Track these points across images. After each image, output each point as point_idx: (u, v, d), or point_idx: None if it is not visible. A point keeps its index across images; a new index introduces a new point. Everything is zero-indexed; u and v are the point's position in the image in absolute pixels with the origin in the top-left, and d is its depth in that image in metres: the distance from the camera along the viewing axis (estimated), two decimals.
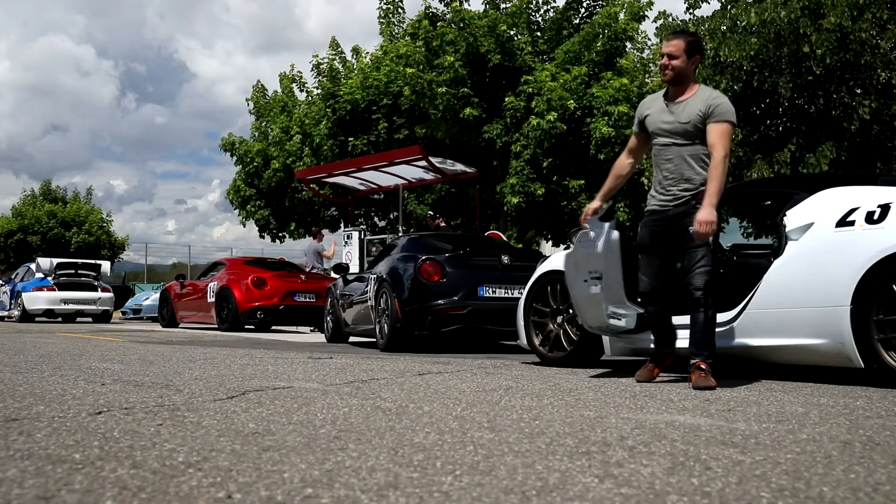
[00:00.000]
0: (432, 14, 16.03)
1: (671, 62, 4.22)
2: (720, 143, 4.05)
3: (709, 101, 4.13)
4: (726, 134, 4.08)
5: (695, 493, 1.65)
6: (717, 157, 4.03)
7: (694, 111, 4.14)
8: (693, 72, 4.30)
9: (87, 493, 1.60)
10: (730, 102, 4.21)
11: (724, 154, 4.04)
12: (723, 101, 4.16)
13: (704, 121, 4.10)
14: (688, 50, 4.23)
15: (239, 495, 1.60)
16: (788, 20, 8.83)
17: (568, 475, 1.83)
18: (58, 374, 4.52)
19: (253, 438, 2.31)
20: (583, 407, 3.19)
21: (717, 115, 4.09)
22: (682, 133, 4.17)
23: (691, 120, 4.14)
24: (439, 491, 1.67)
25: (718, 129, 4.08)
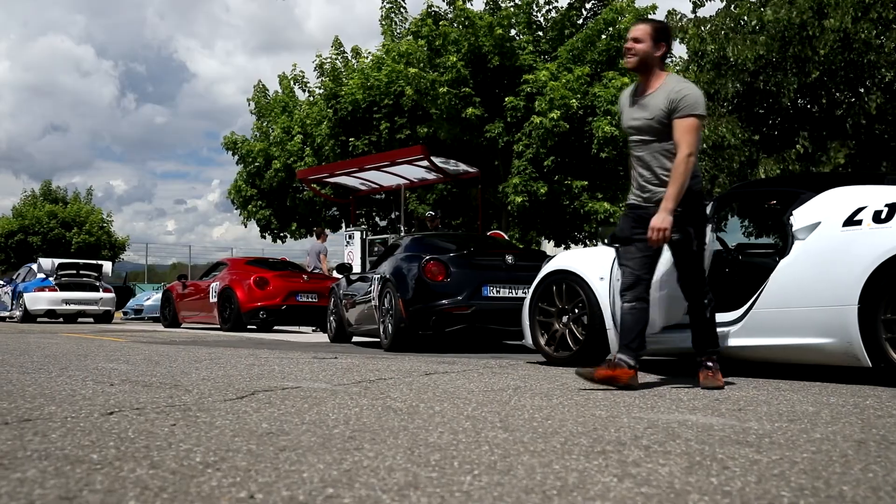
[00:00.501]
0: (435, 13, 16.02)
1: (635, 45, 3.95)
2: (684, 140, 3.79)
3: (672, 95, 3.85)
4: (691, 130, 3.80)
5: (715, 493, 1.65)
6: (679, 157, 3.78)
7: (658, 105, 3.88)
8: (660, 61, 4.00)
9: (109, 494, 1.60)
10: (697, 92, 3.90)
11: (687, 153, 3.77)
12: (687, 93, 3.85)
13: (669, 115, 3.84)
14: (654, 36, 3.95)
15: (261, 495, 1.61)
16: (800, 21, 8.82)
17: (586, 474, 1.84)
18: (65, 374, 4.52)
19: (268, 438, 2.31)
20: (593, 406, 3.19)
21: (681, 109, 3.81)
22: (648, 129, 3.93)
23: (655, 115, 3.89)
24: (460, 490, 1.67)
25: (682, 126, 3.80)
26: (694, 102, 3.82)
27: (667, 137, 3.87)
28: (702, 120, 3.89)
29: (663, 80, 3.94)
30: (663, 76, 3.97)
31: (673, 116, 3.81)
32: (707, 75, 9.89)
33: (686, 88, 3.87)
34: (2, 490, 1.62)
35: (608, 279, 5.38)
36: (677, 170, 3.76)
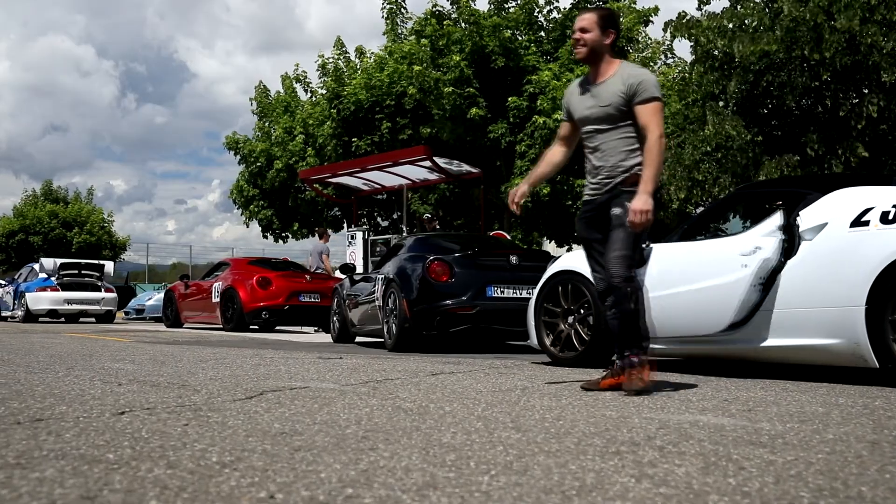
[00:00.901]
0: (439, 12, 16.03)
1: (584, 35, 3.84)
2: (652, 122, 3.71)
3: (629, 80, 3.76)
4: (657, 112, 3.74)
5: (734, 493, 1.66)
6: (651, 140, 3.69)
7: (614, 92, 3.78)
8: (610, 48, 3.88)
9: (130, 493, 1.60)
10: (652, 76, 3.84)
11: (658, 134, 3.70)
12: (644, 77, 3.78)
13: (628, 102, 3.75)
14: (601, 24, 3.84)
15: (281, 495, 1.61)
16: (813, 22, 8.82)
17: (603, 475, 1.84)
18: (72, 374, 4.52)
19: (282, 438, 2.31)
20: (603, 407, 3.20)
21: (641, 93, 3.73)
22: (604, 118, 3.83)
23: (612, 102, 3.79)
24: (479, 490, 1.67)
25: (647, 109, 3.73)
26: (652, 85, 3.76)
27: (621, 124, 3.80)
28: (662, 102, 3.83)
29: (617, 67, 3.85)
30: (616, 63, 3.87)
31: (634, 102, 3.74)
32: (712, 75, 9.89)
33: (642, 73, 3.82)
34: (22, 490, 1.62)
35: None
36: (651, 152, 3.69)
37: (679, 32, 10.23)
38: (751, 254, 4.52)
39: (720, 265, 4.68)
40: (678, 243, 5.14)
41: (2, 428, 2.45)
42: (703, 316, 4.72)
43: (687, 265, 4.94)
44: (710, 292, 4.69)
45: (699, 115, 10.57)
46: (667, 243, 5.19)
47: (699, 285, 4.77)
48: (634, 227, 3.68)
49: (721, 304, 4.60)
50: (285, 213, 20.36)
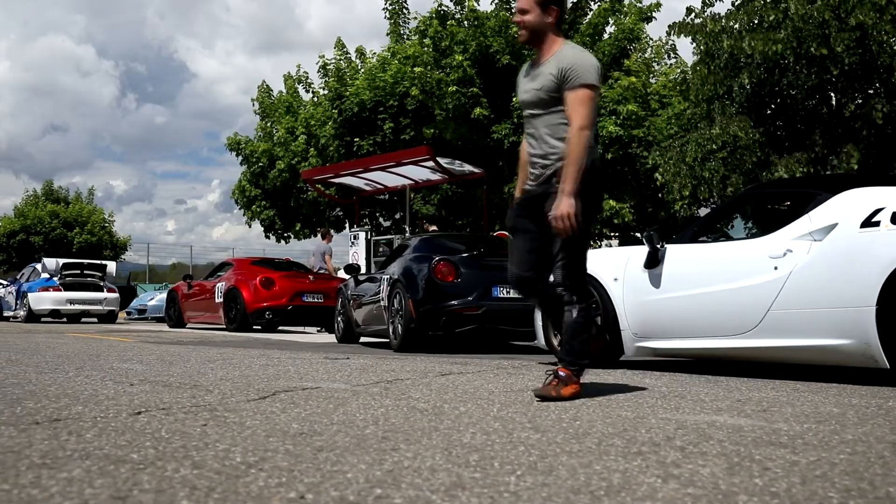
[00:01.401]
0: (443, 13, 16.04)
1: (523, 18, 3.59)
2: (576, 113, 3.40)
3: (561, 64, 3.46)
4: (583, 101, 3.41)
5: (763, 494, 1.66)
6: (572, 132, 3.39)
7: (548, 74, 3.51)
8: (553, 27, 3.60)
9: (160, 494, 1.60)
10: (590, 61, 3.51)
11: (580, 125, 3.38)
12: (578, 60, 3.46)
13: (560, 87, 3.45)
14: (540, 2, 3.58)
15: (311, 496, 1.61)
16: (821, 19, 8.81)
17: (629, 475, 1.84)
18: (82, 374, 4.52)
19: (302, 439, 2.31)
20: (617, 407, 3.20)
21: (571, 79, 3.43)
22: (537, 102, 3.56)
23: (544, 85, 3.51)
24: (507, 491, 1.67)
25: (573, 98, 3.42)
26: (585, 71, 3.43)
27: (553, 109, 3.51)
28: (595, 90, 3.46)
29: (558, 48, 3.56)
30: (559, 43, 3.59)
31: (564, 88, 3.44)
32: (719, 74, 9.89)
33: (578, 57, 3.50)
34: (53, 489, 1.62)
35: (622, 280, 5.40)
36: (571, 146, 3.37)
37: (684, 32, 10.23)
38: (782, 256, 4.52)
39: (749, 267, 4.69)
40: (696, 245, 5.14)
41: (21, 428, 2.45)
42: (728, 317, 4.73)
43: (709, 266, 4.94)
44: (737, 294, 4.69)
45: (704, 113, 10.58)
46: (681, 244, 5.19)
47: (726, 286, 4.77)
48: (560, 234, 3.39)
49: (750, 305, 4.61)
50: (287, 213, 20.37)
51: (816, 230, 4.49)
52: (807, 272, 4.45)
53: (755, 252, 4.74)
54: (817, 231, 4.49)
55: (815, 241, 4.48)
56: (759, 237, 4.82)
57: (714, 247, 5.10)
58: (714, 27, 9.88)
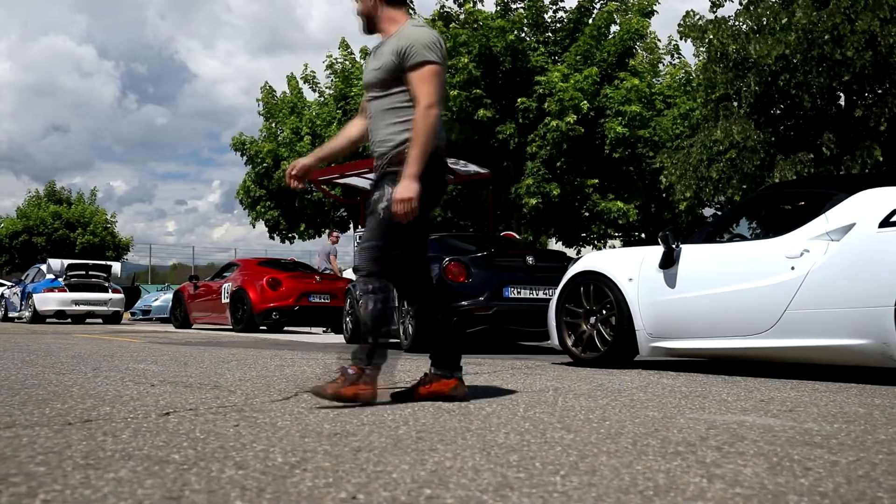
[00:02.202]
0: (446, 14, 16.05)
1: (356, 6, 3.41)
2: (422, 91, 3.15)
3: (400, 43, 3.21)
4: (428, 78, 3.16)
5: (811, 494, 1.66)
6: (418, 112, 3.14)
7: (387, 53, 3.26)
8: (387, 6, 3.35)
9: (212, 494, 1.61)
10: (429, 36, 3.25)
11: (426, 104, 3.14)
12: (415, 37, 3.21)
13: (400, 67, 3.20)
14: None
15: (362, 496, 1.61)
16: (832, 23, 8.83)
17: (673, 475, 1.84)
18: (101, 375, 4.53)
19: (338, 439, 2.32)
20: (642, 407, 3.20)
21: (411, 58, 3.17)
22: (376, 83, 3.31)
23: (382, 65, 3.26)
24: (556, 491, 1.68)
25: (417, 77, 3.17)
26: (424, 48, 3.18)
27: (390, 92, 3.26)
28: (438, 65, 3.20)
29: (398, 27, 3.30)
30: (399, 23, 3.32)
31: (406, 69, 3.19)
32: (726, 75, 9.90)
33: (415, 33, 3.24)
34: (104, 490, 1.63)
35: (637, 280, 5.40)
36: (417, 127, 3.12)
37: (692, 34, 10.24)
38: (798, 256, 4.52)
39: (765, 267, 4.69)
40: (711, 245, 5.15)
41: (56, 429, 2.45)
42: (745, 317, 4.73)
43: (725, 266, 4.95)
44: (754, 294, 4.69)
45: (712, 114, 10.59)
46: (697, 244, 5.19)
47: (742, 286, 4.77)
48: (397, 218, 3.13)
49: (767, 305, 4.62)
50: (292, 213, 20.37)
51: (834, 230, 4.50)
52: (824, 272, 4.46)
53: (772, 252, 4.75)
54: (835, 231, 4.49)
55: (832, 240, 4.49)
56: (775, 237, 4.83)
57: (730, 247, 5.11)
58: (722, 32, 9.90)
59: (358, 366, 3.21)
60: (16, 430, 2.43)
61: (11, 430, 2.40)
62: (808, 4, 9.15)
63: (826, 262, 4.46)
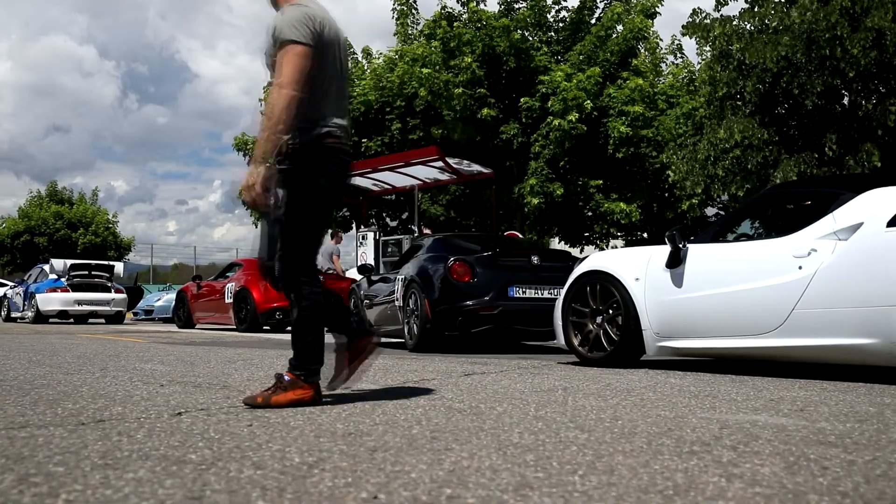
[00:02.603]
0: (449, 13, 16.06)
1: None
2: (279, 72, 3.01)
3: (274, 23, 3.12)
4: (289, 60, 3.01)
5: (832, 493, 1.66)
6: (272, 92, 3.03)
7: (268, 37, 3.18)
8: None
9: (233, 494, 1.61)
10: (295, 14, 3.10)
11: (281, 84, 2.99)
12: (285, 17, 3.09)
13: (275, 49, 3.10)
14: None
15: (383, 496, 1.62)
16: (830, 23, 8.84)
17: (691, 475, 1.84)
18: (108, 375, 4.53)
19: (352, 439, 2.32)
20: (653, 407, 3.20)
21: (278, 37, 3.07)
22: (268, 65, 3.22)
23: (266, 48, 3.20)
24: (576, 491, 1.68)
25: (279, 57, 3.05)
26: (289, 27, 3.05)
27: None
28: (301, 45, 3.04)
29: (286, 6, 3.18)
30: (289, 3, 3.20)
31: (276, 48, 3.08)
32: (730, 75, 9.90)
33: (288, 12, 3.11)
34: (125, 490, 1.63)
35: (644, 279, 5.40)
36: (269, 108, 2.99)
37: (696, 33, 10.24)
38: (806, 256, 4.52)
39: (773, 266, 4.69)
40: (718, 244, 5.15)
41: (70, 429, 2.46)
42: (752, 316, 4.73)
43: (732, 266, 4.95)
44: (761, 293, 4.69)
45: (715, 112, 10.59)
46: (703, 244, 5.19)
47: (749, 286, 4.77)
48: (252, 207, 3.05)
49: (774, 304, 4.61)
50: None
51: (841, 229, 4.50)
52: (832, 271, 4.45)
53: (779, 251, 4.74)
54: (842, 230, 4.49)
55: (840, 240, 4.48)
56: (782, 237, 4.82)
57: (737, 246, 5.10)
58: (721, 31, 9.90)
59: (293, 372, 3.14)
60: (30, 430, 2.43)
61: (26, 431, 2.41)
62: (807, 4, 9.16)
63: (834, 262, 4.46)
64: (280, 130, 2.97)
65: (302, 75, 3.01)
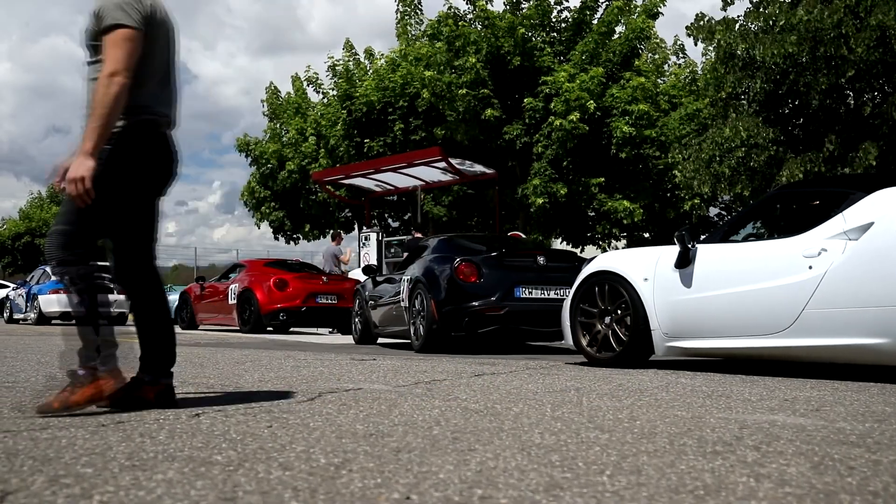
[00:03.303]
0: (454, 13, 16.08)
1: None
2: (108, 56, 2.80)
3: (97, 3, 2.89)
4: (116, 43, 2.81)
5: (863, 493, 1.66)
6: (100, 80, 2.80)
7: (90, 15, 2.95)
8: None
9: (265, 495, 1.61)
10: None
11: (110, 71, 2.78)
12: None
13: (98, 31, 2.88)
14: None
15: (415, 496, 1.62)
16: (834, 20, 8.86)
17: (719, 475, 1.85)
18: None
19: (375, 440, 2.32)
20: (668, 407, 3.20)
21: (103, 19, 2.85)
22: (85, 48, 3.00)
23: (86, 28, 2.97)
24: (607, 491, 1.68)
25: (106, 41, 2.83)
26: (115, 8, 2.84)
27: (94, 58, 2.93)
28: (130, 29, 2.84)
29: None
30: None
31: (100, 30, 2.87)
32: (735, 75, 9.91)
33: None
34: (157, 491, 1.63)
35: (652, 280, 5.40)
36: (97, 96, 2.77)
37: (701, 34, 10.26)
38: (816, 255, 4.53)
39: (783, 266, 4.69)
40: (727, 244, 5.15)
41: (91, 430, 2.46)
42: (762, 316, 4.73)
43: (742, 266, 4.95)
44: (771, 293, 4.70)
45: (721, 113, 10.60)
46: (713, 244, 5.20)
47: (759, 286, 4.77)
48: (71, 198, 2.78)
49: (784, 304, 4.61)
50: (297, 214, 20.38)
51: (851, 229, 4.50)
52: (842, 271, 4.46)
53: (789, 251, 4.75)
54: (852, 230, 4.49)
55: (850, 240, 4.49)
56: (792, 236, 4.82)
57: (746, 246, 5.11)
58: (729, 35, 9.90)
59: (87, 365, 2.90)
60: (52, 431, 2.43)
61: (48, 432, 2.41)
62: (812, 3, 9.17)
63: (844, 262, 4.46)
64: (113, 122, 2.79)
65: (133, 61, 2.83)
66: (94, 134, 2.74)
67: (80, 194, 2.73)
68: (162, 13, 3.02)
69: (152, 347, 3.16)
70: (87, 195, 2.74)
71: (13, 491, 1.62)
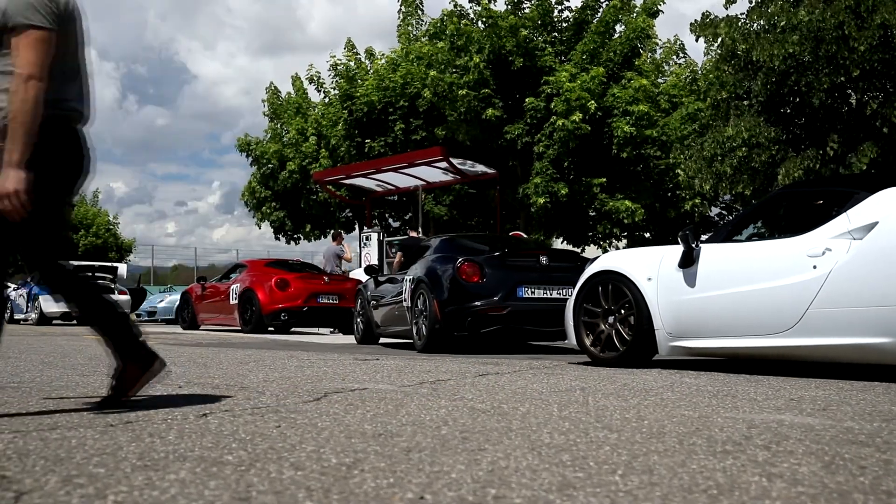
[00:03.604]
0: (459, 11, 16.09)
1: None
2: (21, 59, 2.65)
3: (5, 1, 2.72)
4: (30, 45, 2.66)
5: (877, 493, 1.66)
6: (15, 85, 2.64)
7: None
8: None
9: (279, 495, 1.61)
10: None
11: (27, 75, 2.63)
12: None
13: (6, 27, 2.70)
14: None
15: (429, 496, 1.62)
16: (837, 21, 8.86)
17: (731, 474, 1.85)
18: None
19: (384, 440, 2.32)
20: (675, 406, 3.20)
21: (11, 17, 2.68)
22: None
23: None
24: (620, 490, 1.68)
25: (16, 42, 2.67)
26: (26, 6, 2.67)
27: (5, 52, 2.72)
28: (45, 30, 2.69)
29: None
30: None
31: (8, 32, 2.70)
32: (736, 75, 9.92)
33: None
34: (171, 491, 1.63)
35: (656, 279, 5.40)
36: (16, 104, 2.62)
37: (703, 32, 10.26)
38: (820, 255, 4.53)
39: (787, 265, 4.69)
40: (731, 244, 5.16)
41: (100, 430, 2.46)
42: (766, 316, 4.74)
43: (745, 265, 4.95)
44: (775, 293, 4.70)
45: (723, 113, 10.61)
46: (716, 244, 5.20)
47: (763, 285, 4.78)
48: (8, 216, 2.63)
49: (789, 304, 4.61)
50: (297, 214, 20.38)
51: (856, 229, 4.50)
52: (847, 271, 4.46)
53: (793, 251, 4.75)
54: (857, 230, 4.50)
55: (854, 239, 4.49)
56: (796, 236, 4.82)
57: (750, 246, 5.11)
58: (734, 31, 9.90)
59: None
60: (61, 431, 2.43)
61: (57, 432, 2.41)
62: (814, 2, 9.17)
63: (848, 261, 4.46)
64: (35, 128, 2.64)
65: (48, 62, 2.69)
66: (19, 144, 2.60)
67: (17, 209, 2.60)
68: (72, 6, 2.87)
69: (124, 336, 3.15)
70: (24, 208, 2.61)
71: (28, 491, 1.63)
